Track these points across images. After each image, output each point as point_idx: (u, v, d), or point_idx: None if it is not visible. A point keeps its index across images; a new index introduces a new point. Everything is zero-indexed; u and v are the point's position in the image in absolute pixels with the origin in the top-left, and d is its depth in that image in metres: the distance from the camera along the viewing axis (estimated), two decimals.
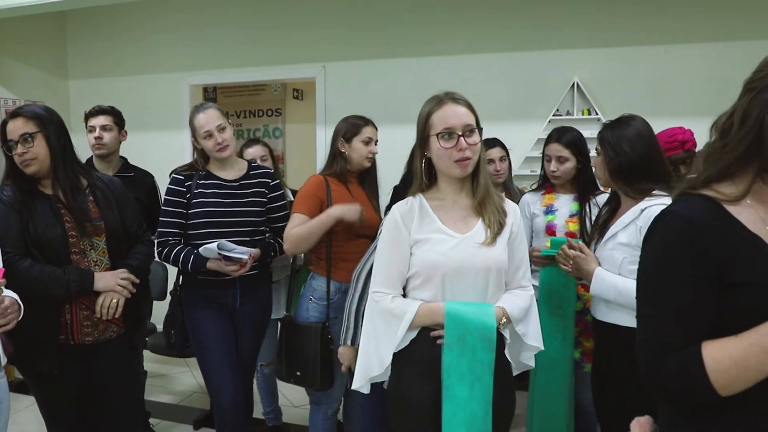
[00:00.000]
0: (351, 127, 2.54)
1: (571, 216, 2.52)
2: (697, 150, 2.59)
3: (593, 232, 2.16)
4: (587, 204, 2.52)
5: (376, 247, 2.08)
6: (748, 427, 1.04)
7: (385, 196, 2.73)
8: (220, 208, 2.52)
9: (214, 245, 2.37)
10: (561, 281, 2.36)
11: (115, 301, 2.13)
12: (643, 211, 1.91)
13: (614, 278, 1.94)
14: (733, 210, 1.08)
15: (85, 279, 2.09)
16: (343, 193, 2.53)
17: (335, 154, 2.58)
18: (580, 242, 2.14)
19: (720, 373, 1.00)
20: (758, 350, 0.97)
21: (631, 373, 1.89)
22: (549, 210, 2.59)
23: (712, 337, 1.03)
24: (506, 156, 3.01)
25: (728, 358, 0.99)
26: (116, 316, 2.16)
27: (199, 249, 2.42)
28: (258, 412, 3.24)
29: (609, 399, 2.01)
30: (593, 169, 2.37)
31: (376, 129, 2.60)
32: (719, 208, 1.08)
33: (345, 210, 2.40)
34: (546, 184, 2.68)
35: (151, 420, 3.39)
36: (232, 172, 2.62)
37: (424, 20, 4.39)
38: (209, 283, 2.53)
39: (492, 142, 2.97)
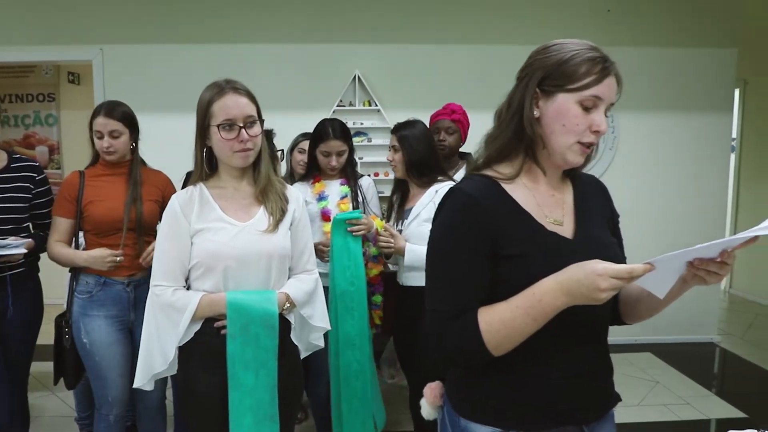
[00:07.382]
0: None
1: (342, 198, 2.68)
2: (466, 133, 3.00)
3: (396, 216, 2.59)
4: (356, 186, 2.72)
5: None
6: (519, 383, 1.19)
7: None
8: None
9: None
10: (348, 257, 2.44)
11: None
12: (437, 192, 2.41)
13: (423, 249, 2.09)
14: (509, 188, 1.22)
15: None
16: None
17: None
18: (387, 225, 2.50)
19: (492, 334, 1.11)
20: (522, 312, 1.10)
21: None
22: (321, 197, 2.69)
23: (486, 303, 1.16)
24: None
25: (498, 320, 1.11)
26: None
27: None
28: None
29: (417, 355, 2.37)
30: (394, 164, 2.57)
31: (117, 119, 2.33)
32: (496, 187, 1.21)
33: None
34: (314, 173, 2.75)
35: None
36: None
37: (211, 6, 4.29)
38: None
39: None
